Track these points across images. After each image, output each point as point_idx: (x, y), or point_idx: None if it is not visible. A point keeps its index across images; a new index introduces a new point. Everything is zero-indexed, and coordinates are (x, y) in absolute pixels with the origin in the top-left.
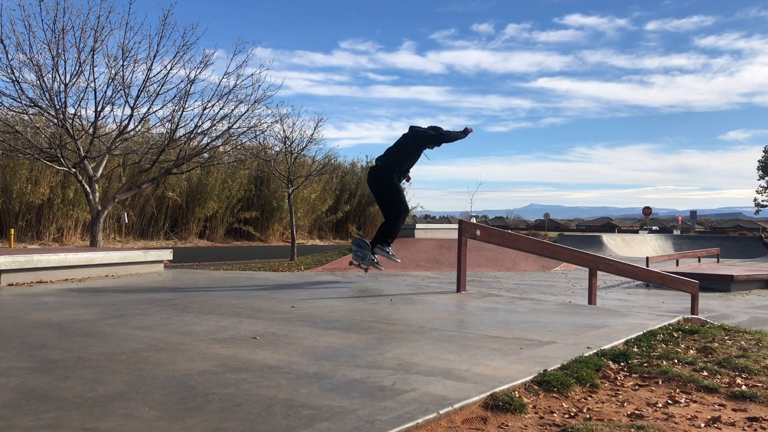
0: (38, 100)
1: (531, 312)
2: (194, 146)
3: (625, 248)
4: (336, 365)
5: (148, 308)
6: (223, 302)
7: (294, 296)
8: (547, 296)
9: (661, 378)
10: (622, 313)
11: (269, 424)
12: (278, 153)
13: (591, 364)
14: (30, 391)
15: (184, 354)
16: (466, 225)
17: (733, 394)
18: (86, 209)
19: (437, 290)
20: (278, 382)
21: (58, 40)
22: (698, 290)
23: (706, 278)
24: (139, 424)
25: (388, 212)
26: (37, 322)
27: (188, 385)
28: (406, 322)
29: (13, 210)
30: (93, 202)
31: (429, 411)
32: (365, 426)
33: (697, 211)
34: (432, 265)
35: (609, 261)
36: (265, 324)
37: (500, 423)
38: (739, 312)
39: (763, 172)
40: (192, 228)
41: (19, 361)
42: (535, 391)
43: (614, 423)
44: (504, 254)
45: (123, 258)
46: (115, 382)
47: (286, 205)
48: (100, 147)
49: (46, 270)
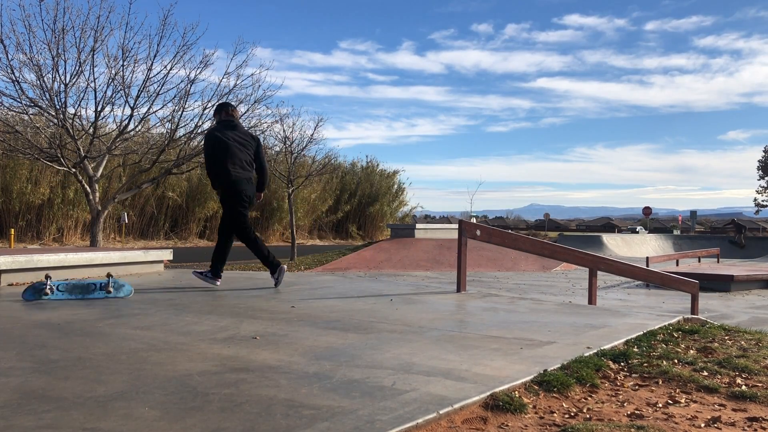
0: (38, 100)
1: (531, 312)
2: (194, 146)
3: (625, 248)
4: (336, 365)
5: (148, 308)
6: (223, 302)
7: (294, 296)
8: (547, 296)
9: (661, 378)
10: (622, 313)
11: (269, 424)
12: (278, 153)
13: (591, 364)
14: (30, 391)
15: (184, 354)
16: (466, 225)
17: (733, 394)
18: (86, 209)
19: (437, 290)
20: (278, 382)
21: (58, 40)
22: (698, 290)
23: (706, 278)
24: (139, 424)
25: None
26: (37, 322)
27: (188, 385)
28: (406, 322)
29: (13, 210)
30: (93, 202)
31: (429, 411)
32: (365, 426)
33: (697, 211)
34: (432, 265)
35: (609, 261)
36: (265, 324)
37: (500, 423)
38: (739, 312)
39: (763, 172)
40: (192, 228)
41: (19, 361)
42: (535, 391)
43: (614, 423)
44: (504, 254)
45: (123, 258)
46: (115, 382)
47: (286, 205)
48: (100, 147)
49: (47, 270)
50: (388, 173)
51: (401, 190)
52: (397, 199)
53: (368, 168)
